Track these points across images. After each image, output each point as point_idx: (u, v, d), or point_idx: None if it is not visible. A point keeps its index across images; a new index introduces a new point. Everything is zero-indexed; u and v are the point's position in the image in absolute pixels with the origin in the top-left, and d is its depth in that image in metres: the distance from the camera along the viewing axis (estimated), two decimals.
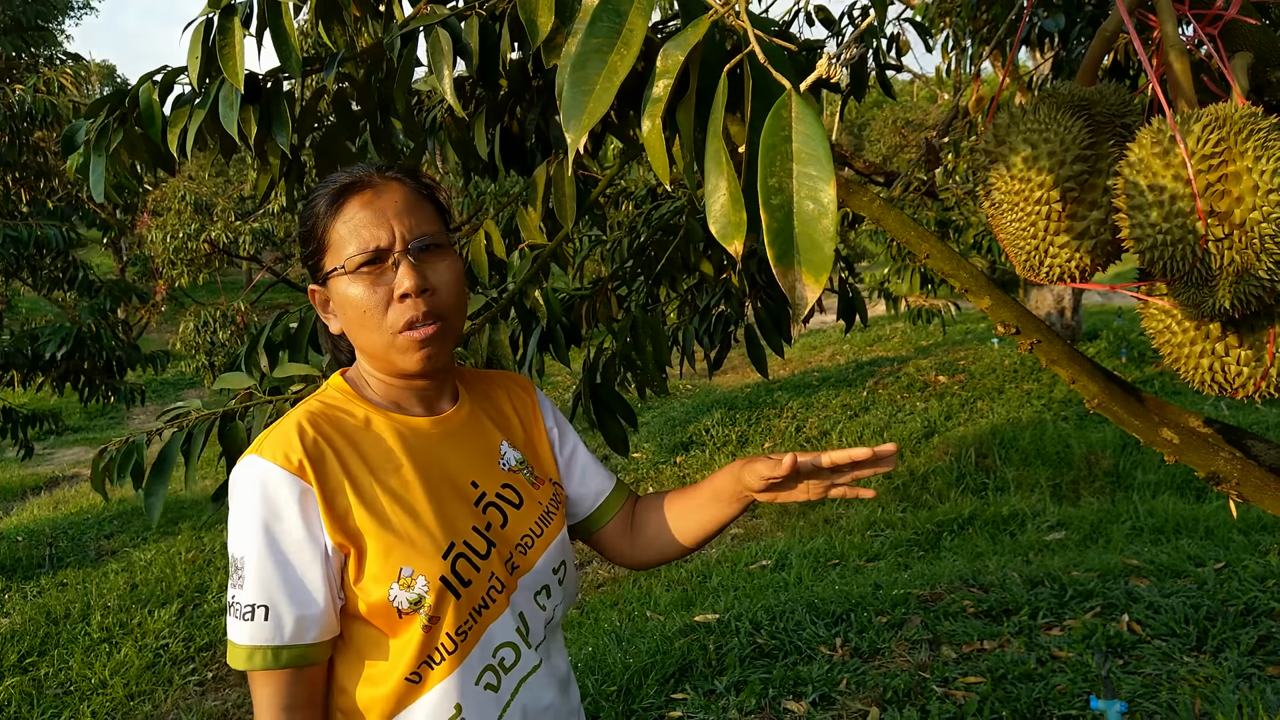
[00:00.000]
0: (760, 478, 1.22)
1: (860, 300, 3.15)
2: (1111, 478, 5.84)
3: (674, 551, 1.38)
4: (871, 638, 3.53)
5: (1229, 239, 1.11)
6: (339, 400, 1.18)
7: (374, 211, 1.13)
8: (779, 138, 0.77)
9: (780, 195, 0.76)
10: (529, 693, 1.18)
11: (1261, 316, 1.24)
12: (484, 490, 1.20)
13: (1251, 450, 1.67)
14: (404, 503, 1.12)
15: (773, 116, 0.77)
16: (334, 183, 1.16)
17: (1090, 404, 1.56)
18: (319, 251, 1.15)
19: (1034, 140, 1.29)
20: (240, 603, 1.06)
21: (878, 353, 11.50)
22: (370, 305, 1.12)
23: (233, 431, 1.51)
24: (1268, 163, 1.09)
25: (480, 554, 1.14)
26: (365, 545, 1.08)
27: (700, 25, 0.84)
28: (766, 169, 0.76)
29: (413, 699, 1.11)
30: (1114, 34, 1.30)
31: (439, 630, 1.09)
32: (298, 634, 1.06)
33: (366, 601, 1.08)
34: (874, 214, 1.75)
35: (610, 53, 0.82)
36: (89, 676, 4.86)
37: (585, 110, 0.81)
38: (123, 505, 8.24)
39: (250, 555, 1.06)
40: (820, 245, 0.75)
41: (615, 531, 1.39)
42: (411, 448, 1.16)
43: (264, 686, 1.07)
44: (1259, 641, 3.15)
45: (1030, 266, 1.35)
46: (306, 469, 1.07)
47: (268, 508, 1.06)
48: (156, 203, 15.66)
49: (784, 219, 0.75)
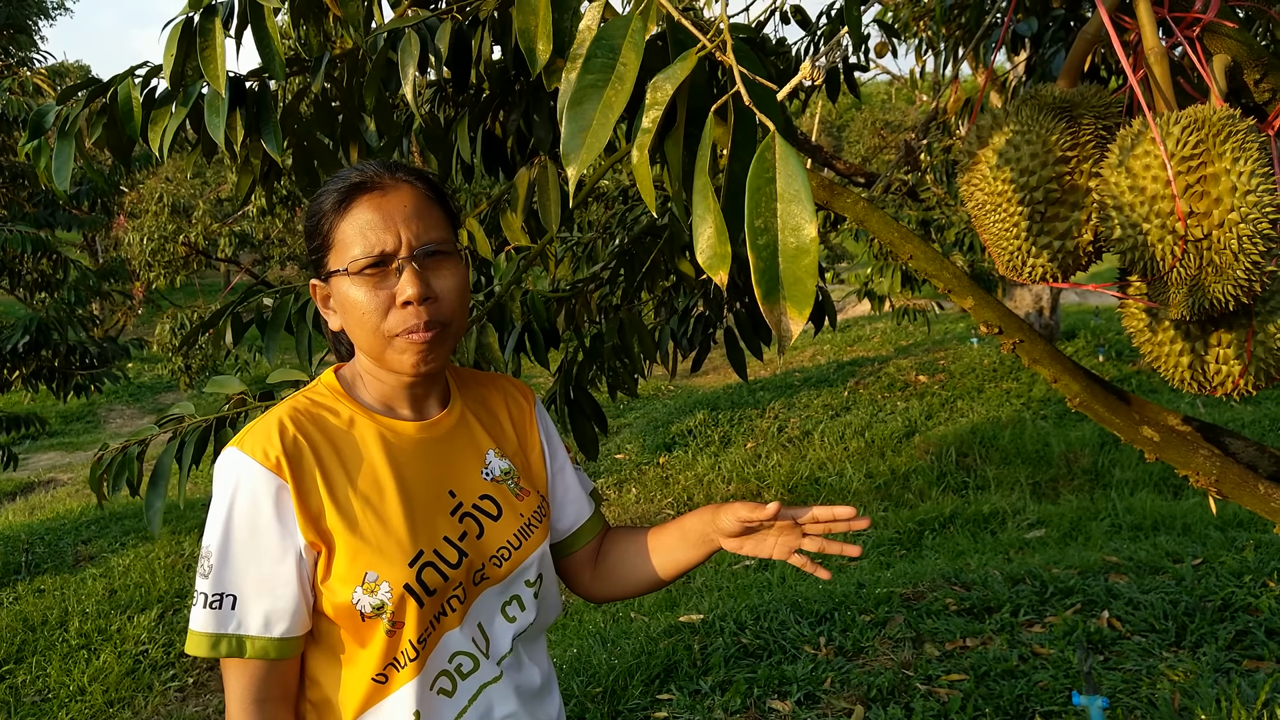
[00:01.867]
0: (738, 520, 1.21)
1: (830, 302, 3.17)
2: (1090, 476, 5.89)
3: (630, 589, 1.36)
4: (855, 636, 3.55)
5: (1208, 239, 1.13)
6: (326, 399, 1.18)
7: (382, 214, 1.12)
8: (764, 179, 0.79)
9: (766, 235, 0.79)
10: (486, 701, 1.17)
11: (1239, 316, 1.26)
12: (461, 500, 1.19)
13: (1229, 448, 1.70)
14: (376, 508, 1.12)
15: (758, 160, 0.79)
16: (344, 180, 1.14)
17: (1072, 403, 1.58)
18: (323, 249, 1.15)
19: (1017, 142, 1.30)
20: (208, 591, 1.07)
21: (858, 353, 11.56)
22: (370, 309, 1.11)
23: (225, 439, 1.50)
24: (1245, 164, 1.10)
25: (451, 564, 1.14)
26: (335, 546, 1.09)
27: (689, 60, 0.85)
28: (753, 210, 0.79)
29: (379, 699, 1.12)
30: (1095, 36, 1.32)
31: (401, 636, 1.10)
32: (265, 627, 1.07)
33: (332, 602, 1.09)
34: (858, 215, 1.76)
35: (605, 88, 0.84)
36: (67, 683, 4.80)
37: (584, 146, 0.84)
38: (100, 510, 8.15)
39: (222, 546, 1.07)
40: (803, 281, 0.78)
41: (582, 560, 1.38)
42: (393, 453, 1.16)
43: (236, 677, 1.09)
44: (1236, 636, 3.18)
45: (1013, 266, 1.36)
46: (283, 466, 1.08)
47: (243, 501, 1.07)
48: (133, 204, 15.52)
49: (770, 258, 0.78)
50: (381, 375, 1.18)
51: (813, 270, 0.78)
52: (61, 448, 12.25)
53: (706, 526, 1.26)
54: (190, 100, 1.51)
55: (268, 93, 1.55)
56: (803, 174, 0.80)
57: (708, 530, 1.26)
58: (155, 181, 15.17)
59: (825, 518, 1.20)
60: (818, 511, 1.21)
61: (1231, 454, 1.69)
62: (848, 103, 29.65)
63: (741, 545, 1.25)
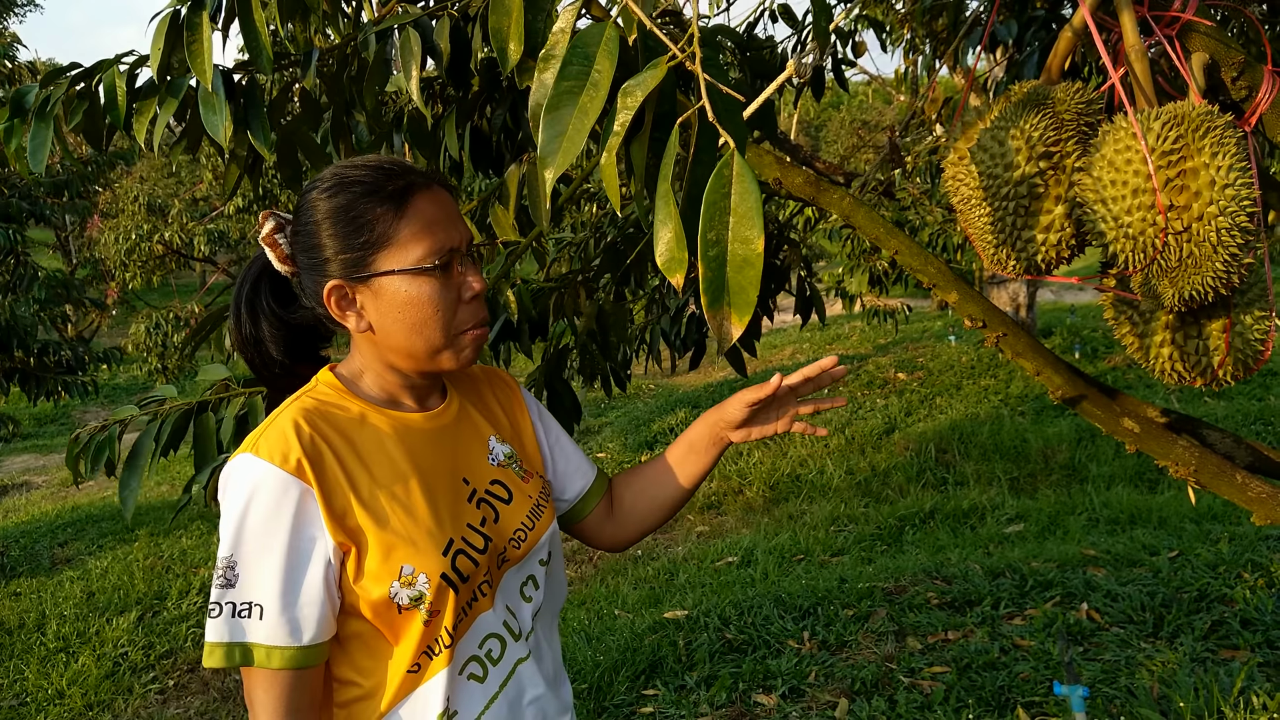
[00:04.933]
0: (745, 405, 1.29)
1: (818, 297, 3.20)
2: (1068, 470, 5.96)
3: (655, 520, 1.41)
4: (838, 630, 3.58)
5: (1188, 232, 1.15)
6: (332, 396, 1.16)
7: (443, 211, 1.13)
8: (720, 194, 0.83)
9: (716, 247, 0.84)
10: (516, 685, 1.19)
11: (1218, 307, 1.29)
12: (475, 487, 1.20)
13: (1207, 439, 1.73)
14: (402, 500, 1.11)
15: (716, 176, 0.83)
16: (386, 175, 1.12)
17: (1055, 395, 1.61)
18: (373, 247, 1.10)
19: (1001, 138, 1.32)
20: (235, 601, 1.04)
21: (838, 351, 11.62)
22: (444, 305, 1.11)
23: (205, 423, 1.50)
24: (1224, 159, 1.13)
25: (478, 549, 1.14)
26: (365, 544, 1.07)
27: (659, 68, 0.88)
28: (707, 223, 0.83)
29: (410, 689, 1.11)
30: (1077, 34, 1.34)
31: (439, 623, 1.10)
32: (293, 635, 1.05)
33: (367, 600, 1.07)
34: (844, 211, 1.78)
35: (581, 94, 0.87)
36: (45, 687, 4.75)
37: (561, 150, 0.87)
38: (76, 513, 8.06)
39: (246, 555, 1.04)
40: (746, 290, 0.84)
41: (598, 518, 1.41)
42: (408, 444, 1.16)
43: (266, 690, 1.05)
44: (1212, 626, 3.24)
45: (997, 260, 1.39)
46: (305, 469, 1.05)
47: (264, 508, 1.04)
48: (108, 204, 15.35)
49: (718, 269, 0.83)
50: (390, 372, 1.18)
51: (756, 281, 0.84)
52: (35, 450, 12.09)
53: (713, 428, 1.34)
54: (180, 93, 1.50)
55: (256, 87, 1.55)
56: (756, 192, 0.84)
57: (715, 430, 1.33)
58: (130, 180, 15.02)
59: (814, 374, 1.31)
60: (807, 370, 1.31)
61: (1209, 445, 1.73)
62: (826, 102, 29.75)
63: (749, 433, 1.33)
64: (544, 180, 0.88)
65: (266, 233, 1.17)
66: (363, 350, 1.18)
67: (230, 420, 1.57)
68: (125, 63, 1.51)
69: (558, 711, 1.26)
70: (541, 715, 1.23)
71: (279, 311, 1.21)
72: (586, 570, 5.64)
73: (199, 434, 1.60)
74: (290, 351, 1.23)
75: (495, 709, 1.16)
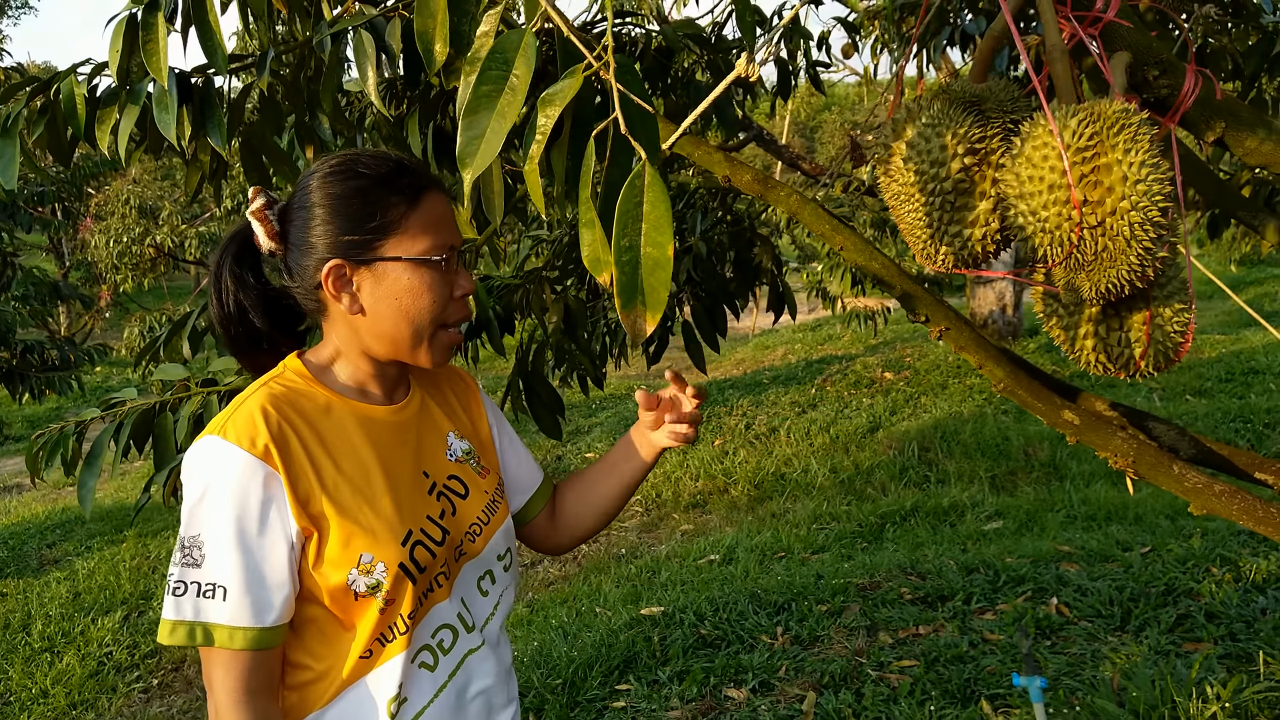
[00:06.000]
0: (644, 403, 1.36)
1: (790, 294, 3.24)
2: (1048, 468, 6.01)
3: (594, 524, 1.45)
4: (811, 626, 3.61)
5: (1102, 226, 1.19)
6: (299, 384, 1.18)
7: (448, 212, 1.20)
8: (632, 203, 0.88)
9: (630, 252, 0.88)
10: (465, 675, 1.22)
11: (1139, 300, 1.32)
12: (434, 480, 1.24)
13: (1153, 431, 1.77)
14: (364, 490, 1.14)
15: (628, 187, 0.88)
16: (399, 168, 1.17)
17: (997, 388, 1.64)
18: (382, 231, 1.14)
19: (928, 135, 1.36)
20: (200, 581, 1.06)
21: (828, 351, 11.67)
22: (439, 298, 1.17)
23: (163, 423, 1.53)
24: (1136, 155, 1.17)
25: (436, 541, 1.18)
26: (327, 530, 1.10)
27: (575, 79, 0.92)
28: (620, 230, 0.88)
29: (362, 674, 1.14)
30: (1002, 34, 1.38)
31: (394, 612, 1.13)
32: (256, 616, 1.07)
33: (325, 585, 1.10)
34: (790, 208, 1.82)
35: (499, 98, 0.91)
36: (29, 686, 4.78)
37: (479, 154, 0.91)
38: (66, 514, 8.08)
39: (211, 536, 1.06)
40: (658, 291, 0.89)
41: (542, 521, 1.46)
42: (371, 435, 1.19)
43: (226, 670, 1.07)
44: (1177, 620, 3.28)
45: (927, 255, 1.42)
46: (272, 453, 1.07)
47: (231, 490, 1.06)
48: (99, 207, 15.35)
49: (631, 272, 0.88)
50: (363, 359, 1.21)
51: (667, 282, 0.89)
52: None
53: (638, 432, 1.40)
54: (140, 98, 1.53)
55: (212, 88, 1.59)
56: (667, 200, 0.89)
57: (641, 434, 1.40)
58: (122, 183, 15.03)
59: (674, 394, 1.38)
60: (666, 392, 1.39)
61: (1155, 437, 1.76)
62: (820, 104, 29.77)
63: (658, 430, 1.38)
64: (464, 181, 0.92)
65: (257, 207, 1.19)
66: (341, 335, 1.20)
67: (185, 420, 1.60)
68: (82, 72, 1.54)
69: (503, 703, 1.29)
70: (488, 706, 1.26)
71: (258, 282, 1.24)
72: (570, 568, 5.67)
73: (158, 434, 1.63)
74: (275, 322, 1.25)
75: (443, 698, 1.20)
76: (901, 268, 1.79)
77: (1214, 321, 10.96)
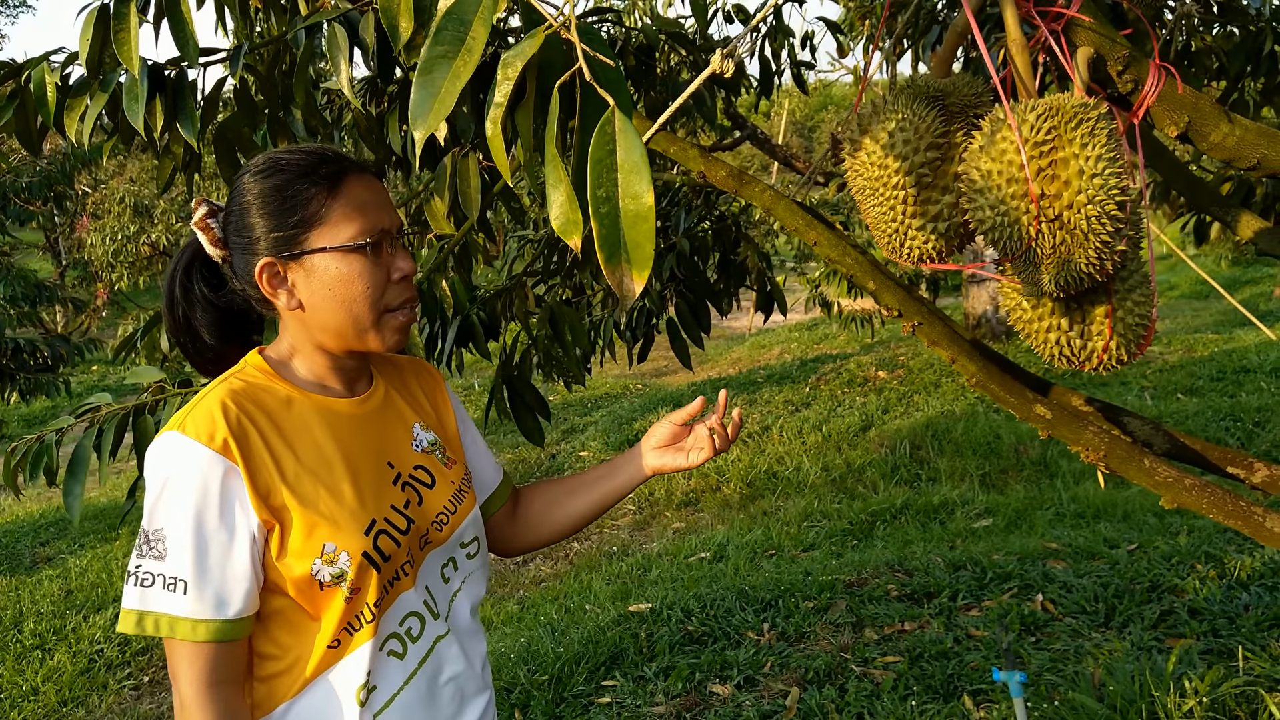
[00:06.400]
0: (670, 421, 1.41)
1: (779, 291, 3.25)
2: (1039, 466, 6.02)
3: (561, 530, 1.47)
4: (797, 622, 3.62)
5: (1059, 220, 1.20)
6: (260, 379, 1.19)
7: (375, 196, 1.19)
8: (604, 151, 0.86)
9: (608, 204, 0.86)
10: (435, 662, 1.23)
11: (1100, 293, 1.33)
12: (399, 470, 1.25)
13: (1128, 426, 1.78)
14: (326, 481, 1.15)
15: (598, 133, 0.86)
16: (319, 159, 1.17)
17: (970, 382, 1.65)
18: (305, 225, 1.15)
19: (892, 129, 1.36)
20: (164, 574, 1.07)
21: (823, 350, 11.68)
22: (373, 283, 1.16)
23: (144, 425, 1.53)
24: (1094, 149, 1.18)
25: (400, 530, 1.19)
26: (289, 522, 1.11)
27: (536, 37, 0.92)
28: (595, 181, 0.86)
29: (331, 664, 1.15)
30: (963, 30, 1.39)
31: (360, 601, 1.14)
32: (218, 609, 1.08)
33: (290, 576, 1.11)
34: (764, 203, 1.83)
35: (455, 59, 0.90)
36: (20, 683, 4.78)
37: (431, 112, 0.90)
38: (59, 513, 8.08)
39: (173, 530, 1.07)
40: (642, 245, 0.86)
41: (499, 521, 1.47)
42: (333, 427, 1.20)
43: (190, 662, 1.08)
44: (1161, 616, 3.29)
45: (892, 248, 1.43)
46: (231, 447, 1.09)
47: (191, 485, 1.07)
48: (96, 205, 15.35)
49: (611, 224, 0.85)
50: (318, 353, 1.22)
51: (650, 235, 0.86)
52: None
53: (634, 454, 1.42)
54: (110, 87, 1.54)
55: (185, 80, 1.59)
56: (640, 146, 0.87)
57: (636, 452, 1.42)
58: (118, 182, 15.03)
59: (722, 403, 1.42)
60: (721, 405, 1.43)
61: (1129, 432, 1.77)
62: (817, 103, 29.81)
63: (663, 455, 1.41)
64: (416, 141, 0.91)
65: (199, 217, 1.22)
66: (292, 331, 1.22)
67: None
68: (55, 60, 1.55)
69: (476, 690, 1.30)
70: (459, 693, 1.27)
71: (210, 296, 1.25)
72: (561, 566, 5.68)
73: (139, 438, 1.64)
74: (221, 336, 1.27)
75: (414, 685, 1.21)
76: (876, 262, 1.80)
77: (1208, 321, 10.98)
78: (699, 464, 1.40)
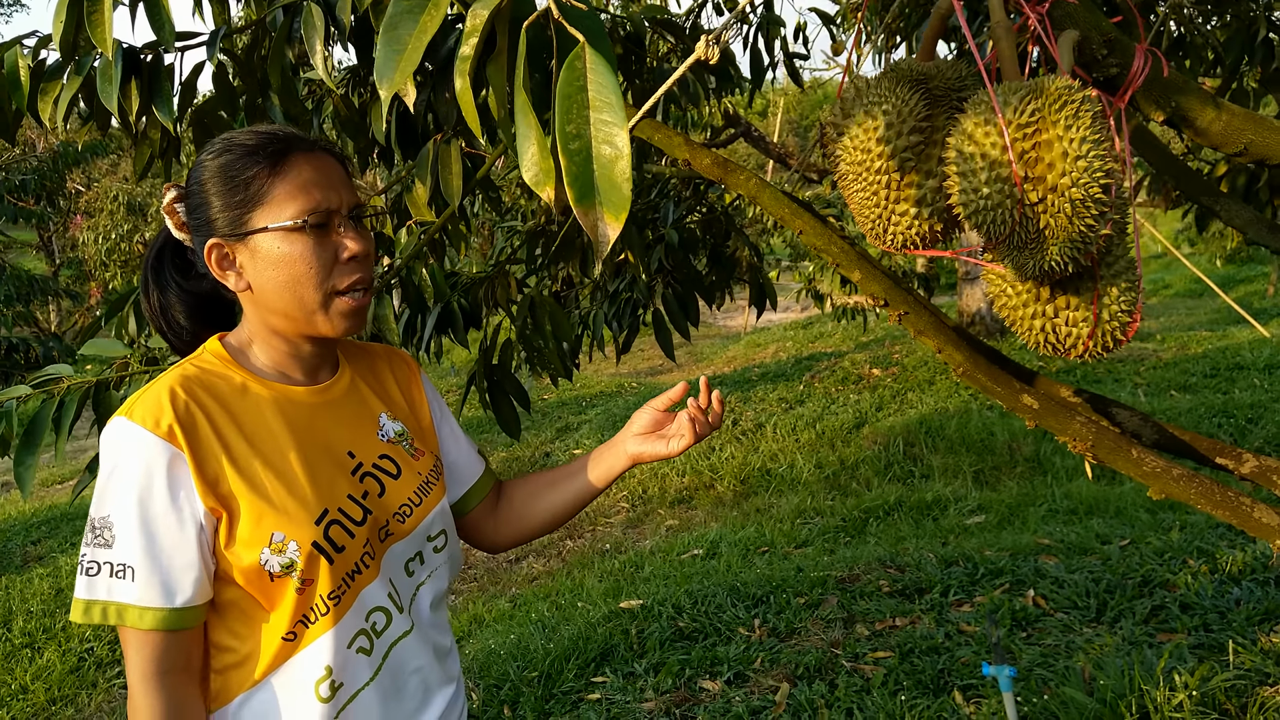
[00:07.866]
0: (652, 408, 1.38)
1: (770, 286, 3.23)
2: (1032, 463, 6.01)
3: (543, 525, 1.44)
4: (789, 618, 3.61)
5: (1043, 203, 1.18)
6: (216, 366, 1.18)
7: (322, 173, 1.15)
8: (574, 87, 0.82)
9: (579, 141, 0.81)
10: (399, 656, 1.22)
11: (1085, 280, 1.32)
12: (360, 460, 1.22)
13: (1116, 417, 1.76)
14: (278, 469, 1.13)
15: (567, 68, 0.82)
16: (269, 138, 1.15)
17: (956, 372, 1.63)
18: (248, 204, 1.13)
19: (874, 113, 1.34)
20: (112, 562, 1.06)
21: (819, 348, 11.67)
22: (317, 264, 1.13)
23: (108, 400, 1.51)
24: (1078, 131, 1.16)
25: (356, 521, 1.16)
26: (237, 510, 1.09)
27: None
28: (564, 116, 0.81)
29: (287, 657, 1.13)
30: (947, 14, 1.37)
31: (313, 592, 1.12)
32: (165, 597, 1.07)
33: (238, 566, 1.10)
34: (750, 192, 1.81)
35: (421, 14, 0.87)
36: (9, 682, 4.76)
37: (398, 69, 0.87)
38: (51, 511, 8.05)
39: (119, 517, 1.06)
40: (618, 186, 0.81)
41: (480, 515, 1.44)
42: (289, 416, 1.18)
43: (137, 650, 1.08)
44: (1152, 611, 3.28)
45: (876, 234, 1.41)
46: (177, 434, 1.07)
47: (136, 471, 1.06)
48: (89, 204, 15.31)
49: (583, 163, 0.81)
50: (275, 338, 1.20)
51: (627, 175, 0.81)
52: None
53: (616, 442, 1.39)
54: (85, 70, 1.52)
55: (161, 64, 1.57)
56: (614, 83, 0.82)
57: (617, 440, 1.39)
58: (111, 180, 14.99)
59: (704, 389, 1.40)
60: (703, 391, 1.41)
61: (1118, 423, 1.76)
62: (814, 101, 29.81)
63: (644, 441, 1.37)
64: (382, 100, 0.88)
65: (168, 202, 1.21)
66: (248, 315, 1.20)
67: None
68: (28, 44, 1.53)
69: (441, 682, 1.28)
70: (424, 685, 1.25)
71: (180, 281, 1.25)
72: (554, 564, 5.66)
73: (101, 414, 1.62)
74: (196, 320, 1.26)
75: (380, 679, 1.19)
76: (864, 252, 1.78)
77: (1202, 318, 10.99)
78: (679, 452, 1.37)
